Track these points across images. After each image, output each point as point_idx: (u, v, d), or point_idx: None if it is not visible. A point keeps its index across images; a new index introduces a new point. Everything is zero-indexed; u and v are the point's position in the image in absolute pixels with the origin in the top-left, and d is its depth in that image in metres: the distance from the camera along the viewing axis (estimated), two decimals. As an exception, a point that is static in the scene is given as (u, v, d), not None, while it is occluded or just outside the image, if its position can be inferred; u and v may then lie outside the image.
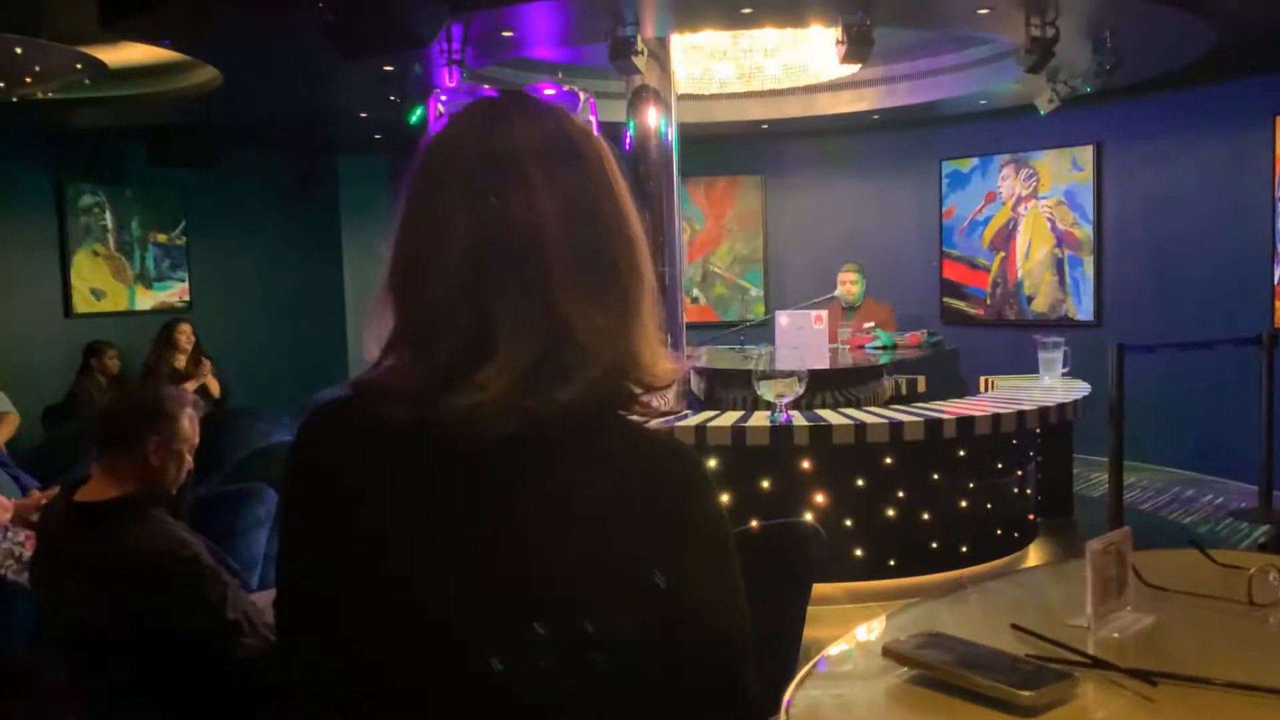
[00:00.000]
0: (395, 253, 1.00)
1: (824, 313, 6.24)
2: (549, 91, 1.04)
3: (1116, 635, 1.31)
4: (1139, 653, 1.27)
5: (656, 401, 0.97)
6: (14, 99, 5.12)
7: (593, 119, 1.05)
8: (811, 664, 1.17)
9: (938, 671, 1.11)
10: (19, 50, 4.48)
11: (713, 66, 6.08)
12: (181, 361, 7.09)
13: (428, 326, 0.95)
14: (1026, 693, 1.06)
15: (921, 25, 5.73)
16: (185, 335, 7.20)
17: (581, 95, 1.06)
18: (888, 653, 1.15)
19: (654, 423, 0.98)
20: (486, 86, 1.03)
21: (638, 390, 0.96)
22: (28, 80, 4.81)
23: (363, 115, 7.18)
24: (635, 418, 0.96)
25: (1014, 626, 1.27)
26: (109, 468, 2.58)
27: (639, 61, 4.76)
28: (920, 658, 1.13)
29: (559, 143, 0.98)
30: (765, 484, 4.54)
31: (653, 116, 5.54)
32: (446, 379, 0.91)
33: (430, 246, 0.96)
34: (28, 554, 3.88)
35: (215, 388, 7.06)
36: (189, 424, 2.65)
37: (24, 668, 4.04)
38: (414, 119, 5.57)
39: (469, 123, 0.99)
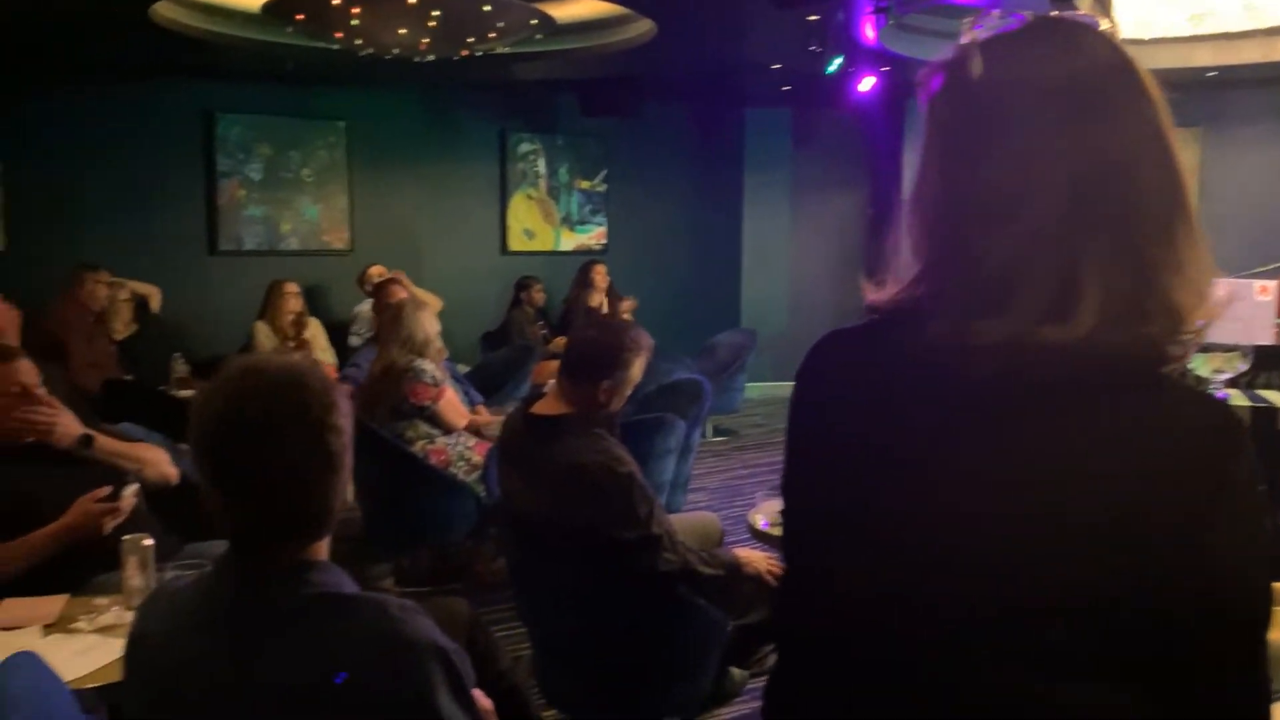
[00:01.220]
0: (956, 187, 0.94)
1: (1272, 284, 5.54)
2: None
3: None
4: None
5: (1186, 350, 0.91)
6: (476, 53, 5.70)
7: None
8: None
9: None
10: (487, 7, 4.97)
11: (1158, 9, 5.56)
12: (596, 299, 7.65)
13: (1001, 267, 0.90)
14: None
15: None
16: (600, 275, 7.77)
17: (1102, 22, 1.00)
18: None
19: None
20: (1019, 14, 0.98)
21: (1184, 336, 0.91)
22: (491, 36, 5.34)
23: (775, 67, 7.29)
24: (1172, 369, 0.91)
25: None
26: (564, 389, 2.83)
27: (1083, 3, 4.45)
28: None
29: (1129, 70, 0.92)
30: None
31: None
32: (1033, 321, 0.88)
33: (1016, 183, 0.90)
34: (476, 458, 4.38)
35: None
36: (639, 370, 2.86)
37: (466, 557, 4.60)
38: (831, 69, 5.57)
39: (1036, 47, 0.94)
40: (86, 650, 2.32)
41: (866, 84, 6.42)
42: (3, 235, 6.70)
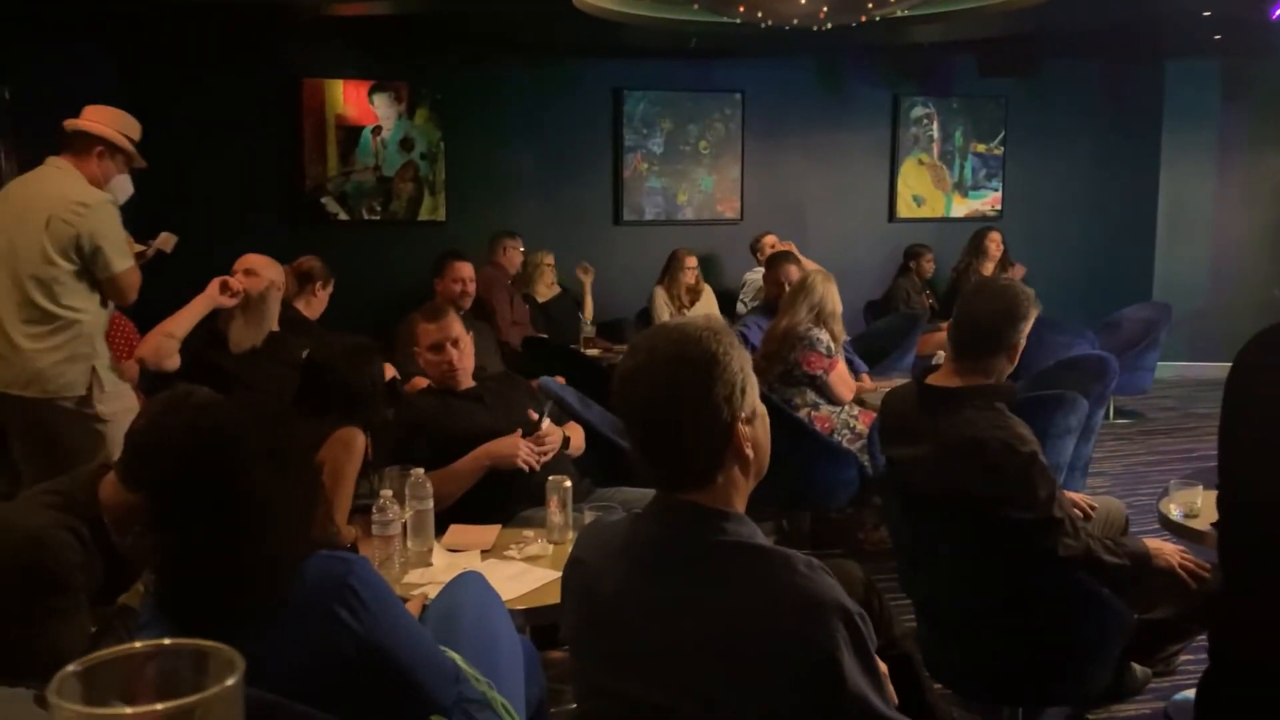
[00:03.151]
0: None
1: None
2: None
3: None
4: None
5: None
6: (874, 19, 5.63)
7: None
8: None
9: None
10: (887, -27, 4.89)
11: None
12: (989, 269, 7.33)
13: None
14: None
15: None
16: (995, 243, 7.41)
17: None
18: None
19: None
20: None
21: None
22: (890, 0, 5.25)
23: (1205, 14, 6.57)
24: None
25: None
26: (959, 364, 2.77)
27: None
28: None
29: None
30: None
31: None
32: None
33: None
34: (860, 427, 4.40)
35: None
36: (1026, 331, 2.73)
37: (848, 524, 4.65)
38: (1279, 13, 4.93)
39: None
40: (516, 575, 2.62)
41: (1321, 27, 5.63)
42: (444, 207, 7.57)
